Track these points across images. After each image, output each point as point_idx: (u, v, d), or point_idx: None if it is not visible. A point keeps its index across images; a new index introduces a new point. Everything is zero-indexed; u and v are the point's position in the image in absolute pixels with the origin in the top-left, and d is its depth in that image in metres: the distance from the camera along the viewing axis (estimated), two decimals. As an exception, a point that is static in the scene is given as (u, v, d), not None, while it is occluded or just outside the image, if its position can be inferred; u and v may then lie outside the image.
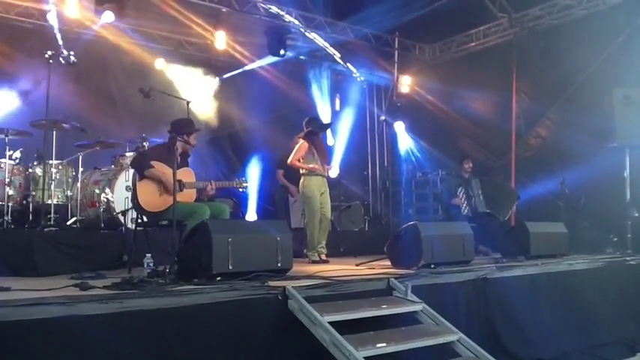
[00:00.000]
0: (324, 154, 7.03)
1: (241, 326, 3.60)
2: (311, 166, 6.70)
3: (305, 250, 6.73)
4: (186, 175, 5.38)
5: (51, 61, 6.29)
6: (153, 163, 5.17)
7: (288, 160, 6.83)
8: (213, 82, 10.23)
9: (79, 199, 6.73)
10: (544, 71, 9.47)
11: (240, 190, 5.79)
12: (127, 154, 7.26)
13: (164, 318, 3.34)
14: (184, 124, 5.60)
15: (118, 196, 6.59)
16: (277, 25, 9.73)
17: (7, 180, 6.54)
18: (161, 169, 5.14)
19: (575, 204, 8.39)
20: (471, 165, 8.33)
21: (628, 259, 6.76)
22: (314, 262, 6.50)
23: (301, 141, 6.82)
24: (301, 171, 6.79)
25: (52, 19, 7.97)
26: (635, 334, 5.94)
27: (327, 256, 6.68)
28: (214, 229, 4.22)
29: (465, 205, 7.99)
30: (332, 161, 8.19)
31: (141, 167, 5.20)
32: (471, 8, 9.78)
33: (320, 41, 10.87)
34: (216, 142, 10.05)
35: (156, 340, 3.27)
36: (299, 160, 6.73)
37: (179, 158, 5.36)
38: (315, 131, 6.93)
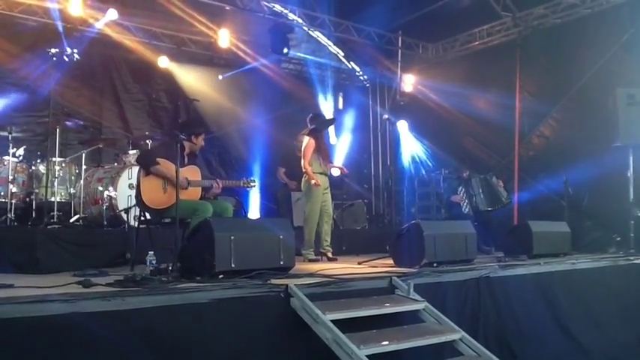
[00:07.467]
0: (327, 152, 6.93)
1: (243, 324, 3.60)
2: (313, 182, 6.42)
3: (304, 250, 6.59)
4: (192, 172, 5.37)
5: (54, 58, 6.31)
6: (158, 160, 5.17)
7: (303, 166, 6.53)
8: (216, 80, 10.24)
9: (82, 196, 6.74)
10: (548, 70, 9.45)
11: (248, 188, 5.77)
12: (130, 151, 7.26)
13: (166, 316, 3.34)
14: (193, 125, 5.64)
15: (121, 194, 6.60)
16: (281, 24, 9.73)
17: (11, 177, 6.57)
18: (166, 166, 5.13)
19: (578, 203, 8.37)
20: (467, 173, 8.36)
21: (631, 258, 6.74)
22: (310, 260, 6.38)
23: (307, 138, 6.66)
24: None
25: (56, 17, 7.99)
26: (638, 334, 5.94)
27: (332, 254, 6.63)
28: (217, 227, 4.22)
29: (465, 203, 8.01)
30: (334, 160, 8.15)
31: (147, 164, 5.20)
32: (475, 7, 9.75)
33: (323, 40, 10.88)
34: (218, 140, 10.06)
35: (158, 338, 3.26)
36: (310, 164, 6.49)
37: (186, 158, 5.37)
38: (319, 128, 6.81)
